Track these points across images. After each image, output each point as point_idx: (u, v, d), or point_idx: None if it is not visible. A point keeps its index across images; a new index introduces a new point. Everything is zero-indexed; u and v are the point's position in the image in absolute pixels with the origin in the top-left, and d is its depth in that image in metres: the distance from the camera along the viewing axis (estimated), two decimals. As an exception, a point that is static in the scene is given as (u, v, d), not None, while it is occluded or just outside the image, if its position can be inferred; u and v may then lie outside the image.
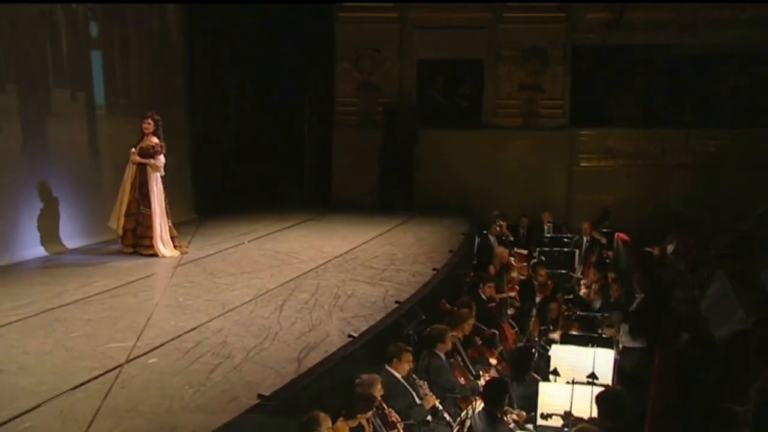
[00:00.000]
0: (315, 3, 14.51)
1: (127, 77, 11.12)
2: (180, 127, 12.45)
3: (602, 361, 6.49)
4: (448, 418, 5.85)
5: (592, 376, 6.20)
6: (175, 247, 9.03)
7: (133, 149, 8.78)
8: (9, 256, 8.45)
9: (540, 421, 5.92)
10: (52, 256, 8.85)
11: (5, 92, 8.73)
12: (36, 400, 4.37)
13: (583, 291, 10.72)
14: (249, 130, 14.39)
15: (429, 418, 5.78)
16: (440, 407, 5.88)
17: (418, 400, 5.83)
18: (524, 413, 6.18)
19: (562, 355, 6.77)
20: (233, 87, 13.73)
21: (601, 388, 5.92)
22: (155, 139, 8.82)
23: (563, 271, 11.73)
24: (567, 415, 5.73)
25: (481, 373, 7.00)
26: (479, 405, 5.69)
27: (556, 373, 6.49)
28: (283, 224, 11.61)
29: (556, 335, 8.37)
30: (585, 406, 5.83)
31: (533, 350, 7.61)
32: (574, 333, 8.28)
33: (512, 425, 5.86)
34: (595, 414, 5.59)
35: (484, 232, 12.34)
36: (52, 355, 5.24)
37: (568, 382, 6.12)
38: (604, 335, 8.00)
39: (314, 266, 8.49)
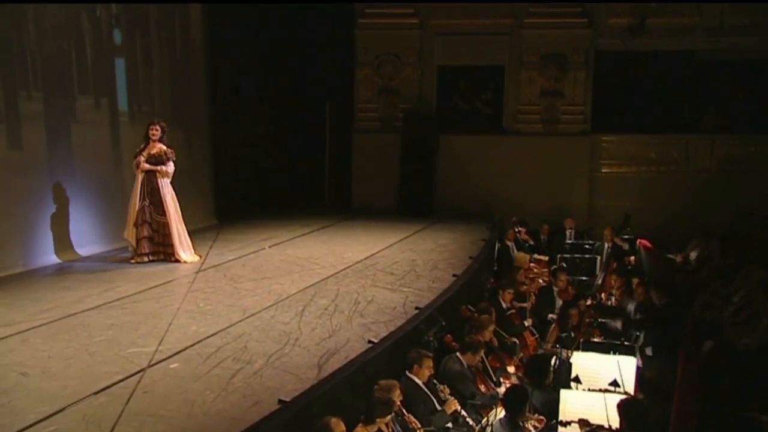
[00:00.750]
0: (336, 9, 14.57)
1: (149, 84, 11.25)
2: (201, 134, 12.56)
3: (624, 368, 6.43)
4: (471, 422, 5.83)
5: (614, 383, 6.15)
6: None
7: (142, 157, 8.75)
8: (33, 261, 8.58)
9: (560, 429, 5.88)
10: (75, 261, 8.95)
11: (31, 99, 8.86)
12: (60, 404, 4.43)
13: (604, 297, 10.64)
14: (270, 136, 14.47)
15: (449, 425, 5.76)
16: (463, 412, 5.87)
17: (438, 407, 5.82)
18: (544, 420, 6.15)
19: (583, 362, 6.72)
20: (254, 93, 13.81)
21: (623, 396, 5.87)
22: (163, 146, 8.82)
23: (584, 278, 11.67)
24: (584, 423, 5.69)
25: (501, 380, 6.98)
26: (500, 412, 5.67)
27: (577, 380, 6.44)
28: (303, 230, 11.66)
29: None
30: (607, 415, 5.78)
31: (553, 357, 7.56)
32: (595, 340, 8.22)
33: (533, 432, 5.84)
34: (616, 422, 5.55)
35: (503, 238, 12.30)
36: (75, 359, 5.30)
37: (589, 390, 6.08)
38: (626, 343, 7.94)
39: (334, 272, 8.51)
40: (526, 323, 8.84)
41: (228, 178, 13.06)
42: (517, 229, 12.61)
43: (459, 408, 5.88)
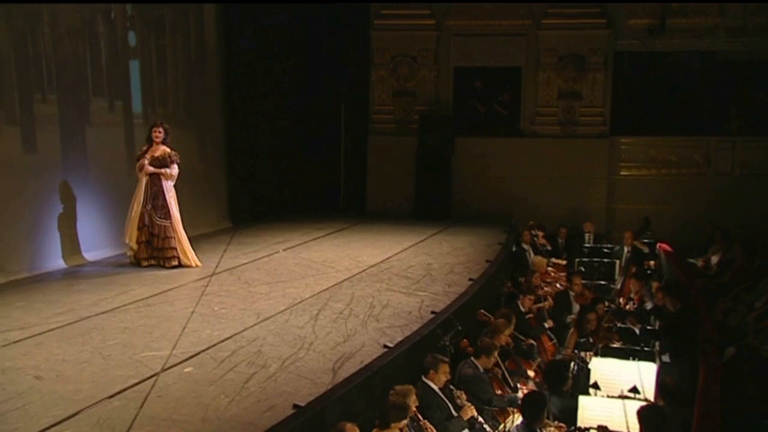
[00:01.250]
0: (351, 10, 14.60)
1: (164, 86, 11.32)
2: (215, 136, 12.61)
3: (644, 374, 6.39)
4: (488, 429, 5.81)
5: (634, 390, 6.11)
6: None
7: (145, 159, 8.67)
8: (47, 263, 8.64)
9: (579, 436, 5.86)
10: (89, 264, 9.01)
11: (46, 101, 8.94)
12: (74, 407, 4.46)
13: (623, 302, 10.57)
14: (284, 138, 14.51)
15: (466, 431, 5.75)
16: (479, 418, 5.85)
17: (454, 413, 5.81)
18: (564, 426, 6.11)
19: (602, 368, 6.68)
20: (269, 95, 13.85)
21: (643, 403, 5.83)
22: (166, 148, 8.74)
23: (603, 282, 11.60)
24: (603, 430, 5.66)
25: (519, 385, 6.95)
26: (517, 418, 5.64)
27: (596, 386, 6.41)
28: (317, 233, 11.69)
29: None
30: (626, 421, 5.75)
31: (572, 363, 7.52)
32: (614, 345, 8.17)
33: (551, 439, 5.81)
34: (636, 430, 5.51)
35: (519, 241, 12.27)
36: (89, 363, 5.34)
37: (608, 396, 6.04)
38: (646, 348, 7.89)
39: (349, 276, 8.52)
40: (546, 325, 8.81)
41: (242, 180, 13.10)
42: (534, 233, 12.57)
43: (476, 414, 5.86)
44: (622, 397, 5.99)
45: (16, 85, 8.42)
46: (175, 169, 8.76)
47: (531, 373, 7.44)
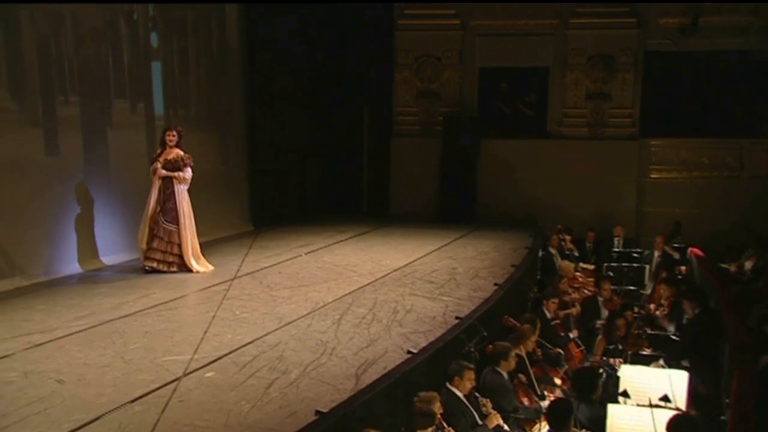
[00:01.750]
0: (375, 10, 14.62)
1: (186, 88, 11.41)
2: (237, 138, 12.69)
3: (676, 383, 6.31)
4: (513, 437, 5.78)
5: (665, 398, 6.03)
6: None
7: (158, 163, 8.67)
8: (68, 267, 8.74)
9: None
10: (109, 268, 9.08)
11: (68, 103, 9.04)
12: (96, 412, 4.50)
13: (653, 308, 10.46)
14: (307, 141, 14.57)
15: (491, 439, 5.72)
16: (505, 427, 5.81)
17: (480, 420, 5.78)
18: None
19: (632, 375, 6.60)
20: (291, 97, 13.91)
21: (674, 412, 5.76)
22: (180, 152, 8.73)
23: (632, 288, 11.49)
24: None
25: (545, 393, 6.90)
26: (544, 427, 5.60)
27: (625, 394, 6.33)
28: (340, 236, 11.70)
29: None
30: (656, 431, 5.68)
31: (600, 370, 7.45)
32: (644, 353, 8.09)
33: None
34: (667, 439, 5.44)
35: (546, 245, 12.20)
36: (111, 367, 5.38)
37: (638, 405, 5.97)
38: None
39: (372, 280, 8.52)
40: (571, 335, 8.74)
41: (264, 183, 13.16)
42: (561, 237, 12.48)
43: (501, 422, 5.83)
44: (652, 405, 5.91)
45: (38, 87, 8.53)
46: (188, 173, 8.72)
47: (558, 381, 7.39)
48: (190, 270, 8.71)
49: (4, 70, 8.13)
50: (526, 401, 6.58)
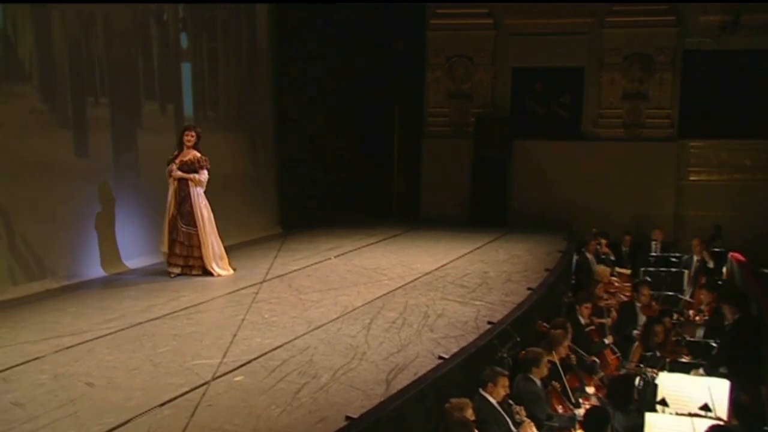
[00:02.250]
0: (406, 9, 14.62)
1: (215, 89, 11.51)
2: (266, 140, 12.77)
3: (717, 391, 6.22)
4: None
5: (705, 407, 5.95)
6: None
7: (174, 164, 8.65)
8: (97, 269, 8.86)
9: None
10: (139, 270, 9.19)
11: (98, 105, 9.17)
12: (125, 415, 4.55)
13: (692, 314, 10.33)
14: (336, 141, 14.61)
15: (525, 448, 5.69)
16: (539, 435, 5.79)
17: (513, 428, 5.75)
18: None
19: (670, 383, 6.53)
20: (321, 98, 13.96)
21: (714, 422, 5.68)
22: (197, 153, 8.70)
23: (671, 293, 11.35)
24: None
25: (580, 401, 6.84)
26: (579, 435, 5.56)
27: (664, 403, 6.26)
28: (370, 239, 11.72)
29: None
30: (696, 441, 5.60)
31: (637, 378, 7.37)
32: (683, 360, 7.98)
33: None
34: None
35: (582, 250, 12.10)
36: (140, 370, 5.44)
37: (677, 414, 5.90)
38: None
39: (402, 284, 8.52)
40: (606, 341, 8.66)
41: (293, 185, 13.23)
42: (597, 241, 12.37)
43: (535, 431, 5.79)
44: (691, 414, 5.84)
45: (69, 88, 8.66)
46: (204, 175, 8.68)
47: (593, 389, 7.31)
48: (210, 274, 8.72)
49: (36, 71, 8.28)
50: (560, 409, 6.53)
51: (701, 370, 7.73)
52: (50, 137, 8.45)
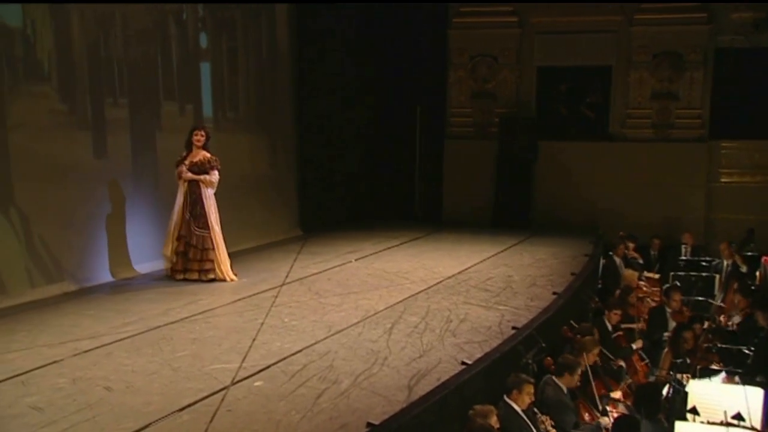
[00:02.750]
0: (428, 8, 14.61)
1: (235, 90, 11.56)
2: (286, 141, 12.81)
3: (751, 400, 6.13)
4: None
5: (738, 417, 5.87)
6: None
7: (184, 165, 8.63)
8: (116, 272, 8.91)
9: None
10: (157, 272, 9.21)
11: (117, 105, 9.24)
12: (144, 420, 4.58)
13: (724, 320, 10.21)
14: (357, 142, 14.62)
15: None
16: (565, 445, 5.74)
17: (538, 437, 5.71)
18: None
19: (701, 391, 6.44)
20: (342, 99, 13.98)
21: (748, 432, 5.61)
22: (207, 153, 8.67)
23: (701, 298, 11.23)
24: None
25: (608, 409, 6.78)
26: (607, 445, 5.51)
27: (694, 411, 6.19)
28: (391, 242, 11.72)
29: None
30: (728, 452, 5.53)
31: (666, 385, 7.29)
32: (714, 367, 7.88)
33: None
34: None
35: (610, 253, 12.01)
36: (158, 374, 5.47)
37: (709, 423, 5.83)
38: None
39: (424, 287, 8.51)
40: (634, 346, 8.59)
41: (313, 187, 13.25)
42: (626, 244, 12.27)
43: (561, 440, 5.75)
44: (724, 424, 5.76)
45: (87, 88, 8.73)
46: (215, 176, 8.64)
47: (617, 394, 7.24)
48: (221, 278, 8.67)
49: (54, 71, 8.36)
50: (587, 416, 6.48)
51: (737, 378, 7.62)
52: (69, 138, 8.52)
